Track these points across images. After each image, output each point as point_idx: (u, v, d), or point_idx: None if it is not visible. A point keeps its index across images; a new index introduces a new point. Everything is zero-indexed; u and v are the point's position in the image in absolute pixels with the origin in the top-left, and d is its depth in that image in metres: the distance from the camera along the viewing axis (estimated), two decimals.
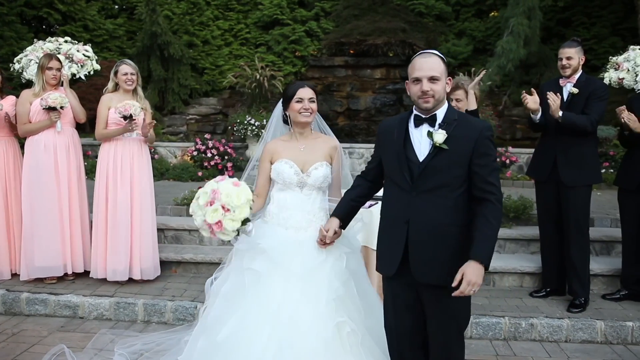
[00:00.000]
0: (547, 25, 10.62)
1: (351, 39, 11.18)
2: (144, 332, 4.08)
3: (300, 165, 2.95)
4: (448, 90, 2.50)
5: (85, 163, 5.36)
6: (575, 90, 4.21)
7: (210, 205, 2.67)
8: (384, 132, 2.62)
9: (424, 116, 2.48)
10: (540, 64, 10.23)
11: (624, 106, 4.34)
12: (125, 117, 4.45)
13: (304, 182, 2.95)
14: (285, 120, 3.08)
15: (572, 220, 4.20)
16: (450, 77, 2.53)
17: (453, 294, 2.31)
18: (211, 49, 11.71)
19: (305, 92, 2.95)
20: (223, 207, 2.66)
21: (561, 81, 4.33)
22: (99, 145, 4.74)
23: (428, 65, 2.43)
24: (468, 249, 2.36)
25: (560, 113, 4.08)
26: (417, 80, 2.44)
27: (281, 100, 3.08)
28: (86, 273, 4.77)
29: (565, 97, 4.27)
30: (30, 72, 5.12)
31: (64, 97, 4.58)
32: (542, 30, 9.75)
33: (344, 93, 10.91)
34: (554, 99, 4.08)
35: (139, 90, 4.72)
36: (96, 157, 4.78)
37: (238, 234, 2.77)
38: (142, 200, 4.65)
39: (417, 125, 2.50)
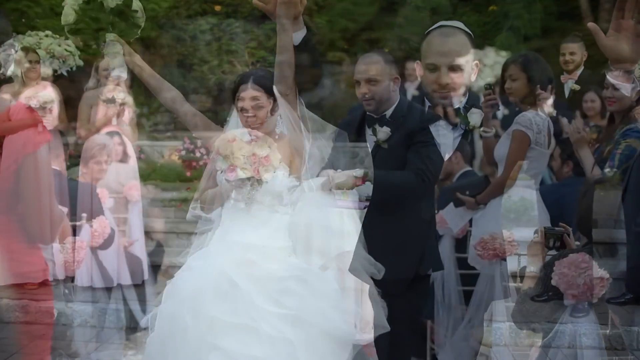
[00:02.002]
0: (547, 20, 10.62)
1: (345, 33, 11.16)
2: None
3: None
4: (474, 79, 2.11)
5: (68, 163, 5.28)
6: (577, 87, 4.17)
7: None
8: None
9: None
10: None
11: None
12: (108, 101, 4.39)
13: (251, 198, 2.30)
14: None
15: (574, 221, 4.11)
16: (477, 62, 2.05)
17: None
18: (199, 44, 11.62)
19: (247, 92, 2.36)
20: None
21: (562, 77, 4.29)
22: (82, 145, 4.64)
23: (448, 47, 1.97)
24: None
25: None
26: (434, 67, 2.01)
27: None
28: (68, 279, 4.57)
29: (566, 94, 4.23)
30: (10, 68, 4.94)
31: (49, 96, 4.45)
32: (542, 25, 9.74)
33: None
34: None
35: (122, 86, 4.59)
36: (79, 157, 4.70)
37: None
38: (129, 201, 4.61)
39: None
